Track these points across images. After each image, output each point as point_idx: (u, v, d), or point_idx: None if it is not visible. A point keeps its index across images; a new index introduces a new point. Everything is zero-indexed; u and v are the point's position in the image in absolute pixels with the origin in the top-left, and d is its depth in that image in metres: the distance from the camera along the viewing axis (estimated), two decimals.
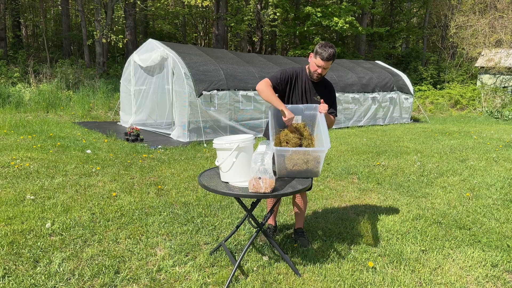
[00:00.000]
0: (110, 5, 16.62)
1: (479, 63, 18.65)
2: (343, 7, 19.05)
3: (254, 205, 2.81)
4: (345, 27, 18.42)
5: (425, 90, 19.88)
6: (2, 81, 13.00)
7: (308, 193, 4.56)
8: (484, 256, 2.98)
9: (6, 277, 2.48)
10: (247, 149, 2.48)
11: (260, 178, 2.28)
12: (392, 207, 4.14)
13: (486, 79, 18.51)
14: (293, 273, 2.66)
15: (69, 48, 19.82)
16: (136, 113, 9.92)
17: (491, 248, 3.13)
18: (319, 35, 21.97)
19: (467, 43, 18.45)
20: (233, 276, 2.52)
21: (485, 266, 2.84)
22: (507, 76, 17.83)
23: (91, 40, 16.68)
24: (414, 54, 23.85)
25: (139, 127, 8.44)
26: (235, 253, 2.98)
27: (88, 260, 2.76)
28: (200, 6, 18.41)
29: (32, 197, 3.98)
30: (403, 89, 12.97)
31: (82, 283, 2.48)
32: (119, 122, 10.70)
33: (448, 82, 20.96)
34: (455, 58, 23.52)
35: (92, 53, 18.45)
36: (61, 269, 2.62)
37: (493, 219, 3.80)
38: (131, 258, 2.82)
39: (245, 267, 2.75)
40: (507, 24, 16.93)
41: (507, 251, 3.07)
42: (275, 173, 2.57)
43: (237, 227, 2.91)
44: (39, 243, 2.95)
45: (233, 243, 3.13)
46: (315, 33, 22.23)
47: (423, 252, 3.05)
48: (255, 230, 3.31)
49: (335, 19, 18.24)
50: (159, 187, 4.60)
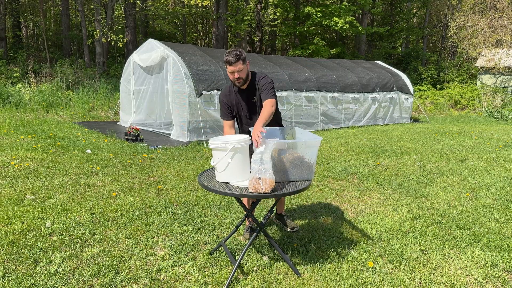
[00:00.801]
0: (110, 5, 16.63)
1: (479, 63, 18.65)
2: (343, 7, 19.05)
3: (254, 205, 2.81)
4: (345, 27, 18.42)
5: (425, 90, 19.88)
6: (2, 81, 13.00)
7: (308, 193, 4.57)
8: (484, 256, 2.98)
9: (6, 277, 2.48)
10: (243, 149, 2.47)
11: (260, 178, 2.28)
12: (392, 207, 4.14)
13: (486, 79, 18.51)
14: (293, 273, 2.66)
15: (69, 48, 19.82)
16: (135, 113, 9.92)
17: (491, 248, 3.13)
18: (319, 35, 21.97)
19: (467, 43, 18.45)
20: (233, 276, 2.52)
21: (485, 266, 2.84)
22: (507, 76, 17.82)
23: (91, 40, 16.68)
24: (414, 54, 23.85)
25: (139, 127, 8.44)
26: (235, 253, 2.98)
27: (88, 260, 2.76)
28: (200, 6, 18.42)
29: (32, 197, 3.98)
30: (403, 89, 12.97)
31: (82, 283, 2.48)
32: (119, 122, 10.70)
33: (448, 82, 20.96)
34: (455, 58, 23.52)
35: (92, 53, 18.45)
36: (61, 269, 2.62)
37: (493, 219, 3.80)
38: (131, 258, 2.82)
39: (245, 267, 2.75)
40: (507, 24, 16.93)
41: (507, 251, 3.07)
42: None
43: (237, 227, 2.91)
44: (39, 243, 2.95)
45: (233, 243, 3.13)
46: (315, 33, 22.24)
47: (423, 252, 3.05)
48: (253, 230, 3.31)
49: (335, 19, 18.24)
50: (159, 187, 4.60)
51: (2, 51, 16.23)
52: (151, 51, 9.01)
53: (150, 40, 9.39)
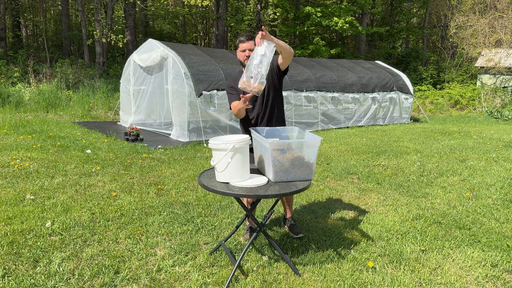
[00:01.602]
0: (110, 5, 16.63)
1: (479, 63, 18.65)
2: (343, 7, 19.05)
3: (254, 205, 2.81)
4: (345, 27, 18.42)
5: (425, 90, 19.88)
6: (2, 81, 13.00)
7: (308, 193, 4.57)
8: (484, 256, 2.98)
9: (6, 277, 2.48)
10: (243, 149, 2.47)
11: (252, 77, 2.31)
12: (392, 207, 4.14)
13: (486, 79, 18.51)
14: (293, 273, 2.66)
15: (69, 48, 19.82)
16: (135, 113, 9.92)
17: (491, 248, 3.13)
18: (319, 35, 21.98)
19: (467, 43, 18.44)
20: (233, 276, 2.52)
21: (485, 266, 2.84)
22: (507, 76, 17.82)
23: (91, 40, 16.68)
24: (414, 54, 23.85)
25: (139, 127, 8.44)
26: (235, 253, 2.98)
27: (88, 260, 2.76)
28: (200, 6, 18.41)
29: (32, 197, 3.98)
30: (403, 89, 12.97)
31: (82, 283, 2.48)
32: (119, 122, 10.70)
33: (448, 82, 20.95)
34: (455, 58, 23.52)
35: (92, 53, 18.46)
36: (61, 269, 2.62)
37: (493, 219, 3.81)
38: (131, 258, 2.82)
39: (245, 267, 2.75)
40: (507, 24, 16.92)
41: (507, 251, 3.07)
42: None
43: (237, 227, 2.91)
44: (39, 243, 2.95)
45: (233, 243, 3.13)
46: (315, 33, 22.24)
47: (423, 252, 3.05)
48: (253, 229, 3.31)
49: (335, 19, 18.24)
50: (159, 187, 4.60)
51: (2, 51, 16.23)
52: (151, 51, 9.01)
53: (150, 40, 9.39)
